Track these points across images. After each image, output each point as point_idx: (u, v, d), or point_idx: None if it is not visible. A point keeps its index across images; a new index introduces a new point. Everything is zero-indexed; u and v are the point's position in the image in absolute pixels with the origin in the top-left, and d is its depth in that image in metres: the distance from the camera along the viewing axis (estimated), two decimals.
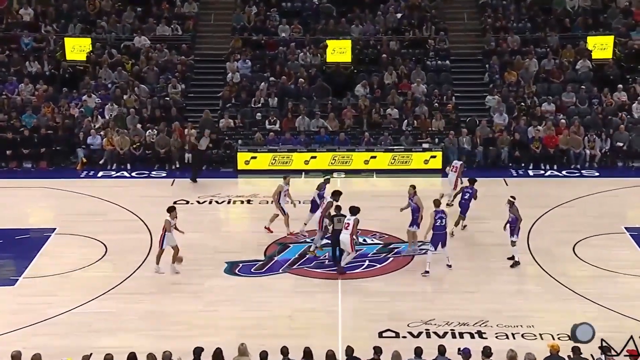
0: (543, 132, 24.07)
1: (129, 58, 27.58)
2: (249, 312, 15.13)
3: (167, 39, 28.42)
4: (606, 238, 18.27)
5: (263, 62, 27.62)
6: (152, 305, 15.35)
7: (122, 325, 14.57)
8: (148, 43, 27.88)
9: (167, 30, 28.69)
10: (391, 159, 23.98)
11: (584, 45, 26.88)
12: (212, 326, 14.57)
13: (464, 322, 14.57)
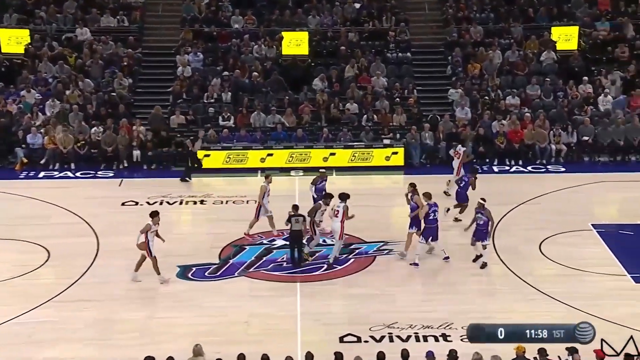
0: (507, 127, 24.45)
1: (71, 51, 27.21)
2: (203, 318, 15.08)
3: (113, 30, 28.10)
4: (573, 235, 18.65)
5: (215, 55, 27.50)
6: (100, 313, 15.21)
7: (66, 335, 14.40)
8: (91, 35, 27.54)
9: (112, 21, 28.36)
10: (351, 155, 24.09)
11: (548, 36, 27.38)
12: (164, 333, 14.49)
13: (428, 325, 14.74)
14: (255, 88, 26.44)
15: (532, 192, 21.25)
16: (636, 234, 18.74)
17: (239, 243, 18.31)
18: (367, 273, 17.11)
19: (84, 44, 27.31)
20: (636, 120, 24.16)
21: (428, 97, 26.83)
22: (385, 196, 21.78)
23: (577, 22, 27.66)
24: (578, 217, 19.64)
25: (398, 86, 26.53)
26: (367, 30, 28.48)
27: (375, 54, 27.65)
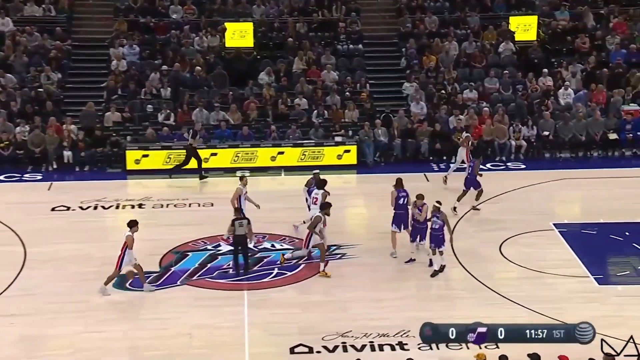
0: (465, 122, 24.72)
1: None
2: (143, 331, 14.87)
3: (38, 20, 27.61)
4: (534, 236, 18.91)
5: (153, 48, 27.23)
6: (27, 328, 14.88)
7: None
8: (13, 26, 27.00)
9: (37, 10, 27.85)
10: (301, 154, 24.09)
11: (506, 26, 27.80)
12: (100, 348, 14.25)
13: (384, 333, 14.76)
14: (196, 83, 26.24)
15: (492, 191, 21.47)
16: (599, 233, 19.07)
17: (180, 249, 18.11)
18: (319, 279, 17.06)
19: (5, 36, 26.72)
20: (597, 114, 24.66)
21: (381, 92, 27.01)
22: (337, 197, 21.61)
23: (535, 12, 28.17)
24: (539, 217, 19.93)
25: (350, 80, 26.63)
26: (316, 21, 28.51)
27: (325, 45, 27.72)
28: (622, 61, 26.74)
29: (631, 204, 20.73)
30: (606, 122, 24.79)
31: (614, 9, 28.34)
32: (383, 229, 19.14)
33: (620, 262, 17.91)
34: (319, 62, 27.09)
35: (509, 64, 27.06)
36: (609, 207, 20.64)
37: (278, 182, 23.49)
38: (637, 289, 16.57)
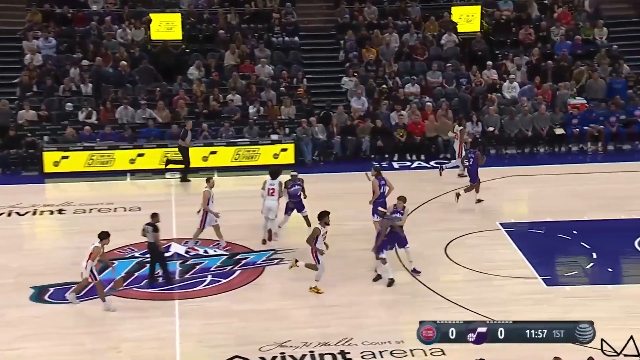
0: (408, 118, 24.97)
1: None
2: (64, 347, 14.62)
3: None
4: (480, 236, 19.19)
5: (72, 41, 26.83)
6: None
7: None
8: None
9: None
10: (234, 154, 24.02)
11: (448, 16, 28.16)
12: None
13: (325, 342, 14.79)
14: (120, 78, 25.95)
15: (437, 190, 21.75)
16: (547, 232, 19.48)
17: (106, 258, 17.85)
18: (256, 286, 17.06)
19: None
20: (543, 109, 25.17)
21: (319, 87, 27.11)
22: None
23: (478, 2, 28.60)
24: (485, 216, 20.26)
25: (285, 74, 26.65)
26: (249, 12, 28.46)
27: (258, 38, 27.68)
28: (568, 53, 27.36)
29: (578, 201, 21.23)
30: (552, 116, 25.34)
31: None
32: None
33: (568, 262, 18.31)
34: (252, 56, 27.04)
35: (452, 57, 27.44)
36: (556, 205, 21.11)
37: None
38: (585, 290, 16.96)
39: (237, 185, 22.99)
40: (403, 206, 17.10)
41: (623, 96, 25.82)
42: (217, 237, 18.57)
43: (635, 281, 17.48)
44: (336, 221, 19.45)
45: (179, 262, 17.97)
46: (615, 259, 18.35)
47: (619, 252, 18.60)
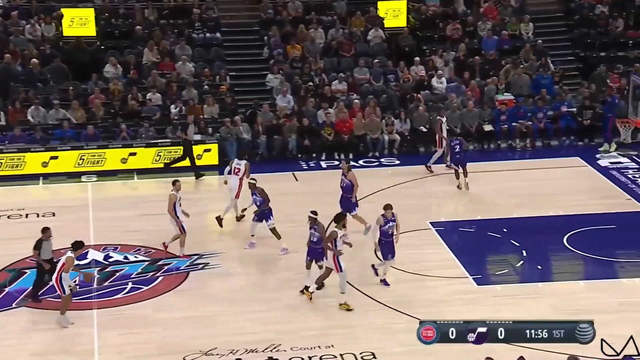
0: (335, 116, 25.05)
1: None
2: None
3: None
4: (410, 236, 19.31)
5: None
6: None
7: None
8: None
9: None
10: (155, 155, 23.77)
11: (375, 11, 28.33)
12: None
13: (253, 348, 14.77)
14: (31, 77, 25.35)
15: (365, 190, 21.78)
16: (477, 231, 19.76)
17: (16, 267, 17.45)
18: (179, 293, 16.90)
19: None
20: (471, 105, 25.53)
21: (243, 84, 26.98)
22: (197, 201, 21.57)
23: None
24: (415, 215, 20.40)
25: (207, 72, 26.44)
26: (167, 7, 28.15)
27: (178, 34, 27.40)
28: (494, 48, 27.84)
29: (508, 198, 21.60)
30: (481, 113, 25.73)
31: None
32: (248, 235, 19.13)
33: (499, 260, 18.63)
34: (172, 53, 26.75)
35: (379, 53, 27.61)
36: (486, 203, 21.46)
37: (130, 187, 23.05)
38: (515, 288, 17.28)
39: (159, 188, 22.65)
40: (393, 214, 16.84)
41: (550, 91, 26.38)
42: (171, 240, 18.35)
43: (565, 278, 17.89)
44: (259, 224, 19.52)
45: (97, 270, 17.65)
46: (544, 256, 18.74)
47: (548, 250, 19.01)
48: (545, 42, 28.31)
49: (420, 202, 21.51)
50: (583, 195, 21.74)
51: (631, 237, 19.40)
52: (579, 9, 29.24)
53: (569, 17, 29.46)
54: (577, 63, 28.38)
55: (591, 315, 15.71)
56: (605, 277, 17.67)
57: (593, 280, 17.65)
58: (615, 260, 18.40)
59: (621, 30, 28.45)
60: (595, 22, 28.80)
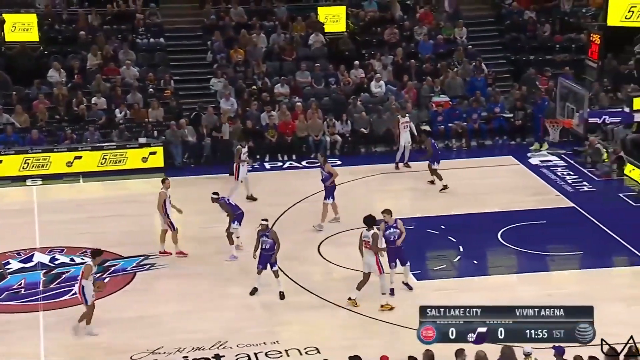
0: (278, 118, 24.97)
1: None
2: None
3: None
4: (352, 234, 19.24)
5: None
6: None
7: None
8: None
9: None
10: (101, 158, 23.42)
11: (315, 17, 28.33)
12: None
13: (199, 347, 14.62)
14: None
15: (309, 190, 21.80)
16: (416, 228, 19.83)
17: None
18: (126, 293, 16.66)
19: None
20: (409, 107, 25.67)
21: (187, 88, 26.73)
22: (144, 203, 21.29)
23: (343, 2, 28.89)
24: (357, 214, 20.31)
25: (152, 76, 26.13)
26: (111, 13, 27.74)
27: (122, 40, 27.03)
28: (430, 52, 28.06)
29: (445, 196, 21.75)
30: (418, 114, 25.87)
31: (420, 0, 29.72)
32: (195, 234, 18.98)
33: (437, 256, 18.75)
34: (116, 58, 26.36)
35: (319, 57, 27.62)
36: (425, 201, 21.58)
37: (77, 190, 22.63)
38: (453, 282, 17.41)
39: (106, 190, 22.38)
40: (395, 220, 16.44)
41: (483, 93, 26.67)
42: (160, 241, 18.11)
43: (499, 272, 18.08)
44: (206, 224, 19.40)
45: (42, 272, 17.29)
46: (480, 252, 18.91)
47: (483, 245, 19.20)
48: (478, 46, 28.62)
49: (363, 200, 21.50)
50: (515, 193, 21.98)
51: (560, 231, 19.69)
52: (509, 15, 29.63)
53: (500, 22, 29.83)
54: (508, 66, 28.73)
55: None
56: (537, 270, 17.89)
57: (525, 273, 17.86)
58: (546, 254, 18.63)
59: (548, 35, 28.88)
60: (524, 27, 29.19)
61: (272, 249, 16.39)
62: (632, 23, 26.95)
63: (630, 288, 17.34)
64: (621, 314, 15.87)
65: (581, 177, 22.99)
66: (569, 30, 28.92)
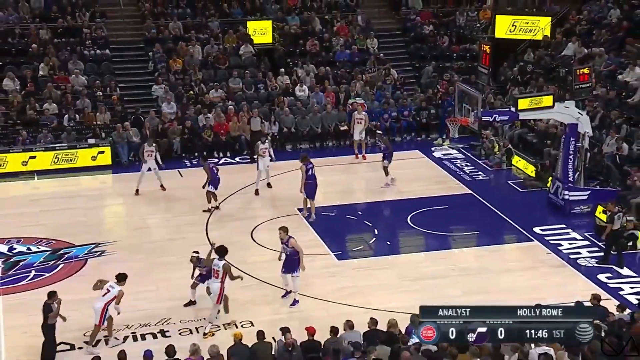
0: (213, 120, 24.80)
1: None
2: None
3: None
4: (281, 221, 19.29)
5: None
6: None
7: None
8: None
9: None
10: (54, 157, 22.88)
11: (244, 30, 28.19)
12: None
13: (146, 323, 14.49)
14: None
15: (241, 183, 21.78)
16: (337, 215, 20.01)
17: None
18: (79, 277, 16.39)
19: None
20: (329, 108, 25.82)
21: (132, 94, 26.30)
22: (93, 197, 21.03)
23: (269, 17, 28.82)
24: (285, 203, 20.50)
25: (99, 84, 25.62)
26: (61, 26, 27.08)
27: (71, 51, 26.42)
28: (347, 60, 28.28)
29: (361, 186, 22.01)
30: (338, 115, 26.02)
31: (337, 15, 29.83)
32: (140, 224, 18.76)
33: (355, 238, 18.93)
34: (66, 68, 25.76)
35: (249, 65, 27.52)
36: (344, 191, 21.76)
37: (31, 186, 22.09)
38: (369, 261, 17.62)
39: (59, 186, 21.89)
40: (287, 237, 15.48)
41: (393, 96, 26.98)
42: None
43: (409, 251, 18.35)
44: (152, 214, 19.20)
45: (1, 261, 16.84)
46: (392, 234, 19.18)
47: (395, 228, 19.47)
48: (387, 55, 28.90)
49: (289, 191, 21.52)
50: (422, 182, 22.30)
51: (460, 214, 20.07)
52: (413, 28, 30.01)
53: (405, 34, 30.18)
54: (413, 72, 29.11)
55: (430, 280, 16.46)
56: (440, 249, 18.23)
57: (431, 251, 18.18)
58: (448, 234, 18.99)
59: (447, 45, 29.37)
60: (426, 39, 29.62)
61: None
62: (515, 35, 27.88)
63: (518, 261, 17.85)
64: (511, 282, 16.38)
65: (477, 168, 23.47)
66: (464, 42, 29.45)
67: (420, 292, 15.78)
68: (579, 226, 19.01)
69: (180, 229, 18.64)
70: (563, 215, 19.52)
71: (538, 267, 17.21)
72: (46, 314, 13.32)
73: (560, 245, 18.13)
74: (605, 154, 21.02)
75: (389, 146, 21.63)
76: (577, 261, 17.35)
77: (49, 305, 13.37)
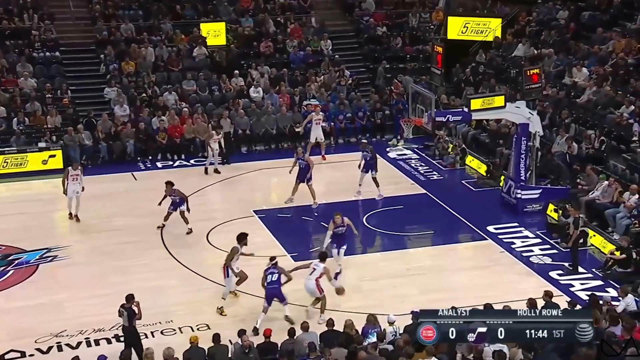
0: (167, 122, 24.54)
1: None
2: None
3: None
4: (237, 223, 19.23)
5: None
6: None
7: None
8: None
9: None
10: (3, 162, 22.40)
11: (198, 32, 27.96)
12: None
13: (100, 328, 14.25)
14: None
15: (197, 185, 21.59)
16: (293, 216, 19.96)
17: None
18: (30, 283, 16.08)
19: None
20: (284, 110, 25.76)
21: (83, 97, 25.89)
22: (45, 201, 20.61)
23: (223, 19, 28.64)
24: (240, 205, 20.37)
25: (49, 87, 25.15)
26: (8, 28, 26.52)
27: (19, 54, 25.89)
28: (301, 61, 28.24)
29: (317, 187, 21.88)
30: (293, 116, 25.97)
31: (290, 16, 29.78)
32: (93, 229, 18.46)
33: (312, 239, 18.86)
34: (14, 70, 25.22)
35: (203, 67, 27.29)
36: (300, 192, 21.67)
37: None
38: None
39: (8, 191, 21.43)
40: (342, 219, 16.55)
41: (347, 97, 27.03)
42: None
43: (365, 251, 18.35)
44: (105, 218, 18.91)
45: None
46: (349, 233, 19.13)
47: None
48: (341, 57, 28.94)
49: (245, 193, 21.46)
50: None
51: (415, 214, 20.18)
52: (366, 30, 30.11)
53: (359, 35, 30.26)
54: (367, 73, 29.20)
55: (385, 280, 16.49)
56: (396, 249, 18.31)
57: (387, 251, 18.25)
58: (403, 234, 19.08)
59: (400, 47, 29.55)
60: (379, 40, 29.75)
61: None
62: (466, 37, 28.18)
63: (472, 260, 18.02)
64: (466, 280, 16.53)
65: (431, 168, 23.63)
66: (417, 43, 29.66)
67: (377, 292, 15.82)
68: (531, 224, 19.28)
69: (135, 231, 18.38)
70: (516, 213, 19.76)
71: (492, 265, 17.40)
72: (131, 318, 13.11)
73: (513, 243, 18.36)
74: (555, 153, 21.36)
75: (374, 155, 21.11)
76: (530, 259, 17.58)
77: (131, 309, 13.17)
